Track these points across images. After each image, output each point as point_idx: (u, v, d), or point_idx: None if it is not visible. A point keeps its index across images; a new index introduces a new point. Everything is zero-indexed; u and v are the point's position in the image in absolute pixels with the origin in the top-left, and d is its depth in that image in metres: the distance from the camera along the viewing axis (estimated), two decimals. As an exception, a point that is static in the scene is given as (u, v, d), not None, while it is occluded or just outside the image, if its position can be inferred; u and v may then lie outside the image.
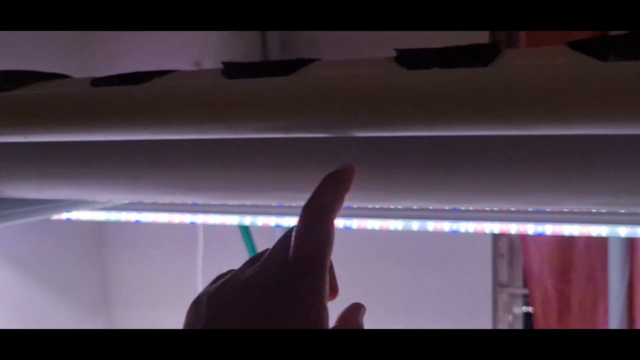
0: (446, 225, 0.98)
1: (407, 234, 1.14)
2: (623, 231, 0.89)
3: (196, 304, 0.37)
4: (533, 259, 1.38)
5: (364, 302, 0.39)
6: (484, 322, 1.48)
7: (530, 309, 1.48)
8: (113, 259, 1.67)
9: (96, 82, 0.48)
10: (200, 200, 0.54)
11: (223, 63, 0.48)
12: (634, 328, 1.30)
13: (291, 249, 0.36)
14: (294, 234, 0.36)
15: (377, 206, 0.55)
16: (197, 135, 0.42)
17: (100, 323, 1.68)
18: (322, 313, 0.34)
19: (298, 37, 1.46)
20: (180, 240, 1.52)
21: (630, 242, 1.26)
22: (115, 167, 0.52)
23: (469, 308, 1.46)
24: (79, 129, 0.41)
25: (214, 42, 1.38)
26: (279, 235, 1.08)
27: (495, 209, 0.76)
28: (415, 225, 1.01)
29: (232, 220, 1.02)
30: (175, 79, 0.46)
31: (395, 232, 0.95)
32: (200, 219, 1.04)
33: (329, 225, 0.37)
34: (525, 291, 1.50)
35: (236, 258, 1.39)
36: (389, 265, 1.45)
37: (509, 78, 0.35)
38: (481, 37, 1.35)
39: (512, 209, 0.77)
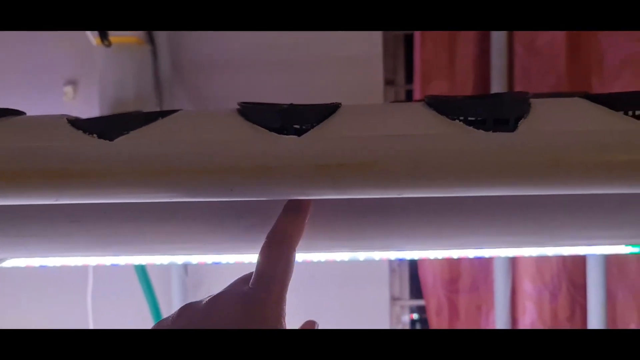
0: (346, 255, 1.04)
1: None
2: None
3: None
4: (427, 273, 1.46)
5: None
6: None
7: (414, 316, 1.62)
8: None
9: (76, 123, 0.45)
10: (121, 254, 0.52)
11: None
12: (517, 328, 1.41)
13: (253, 276, 0.38)
14: (256, 262, 0.38)
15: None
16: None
17: None
18: None
19: (190, 56, 1.44)
20: (52, 280, 1.43)
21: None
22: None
23: (369, 321, 1.51)
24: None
25: (96, 58, 1.30)
26: (176, 274, 1.07)
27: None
28: (319, 256, 1.05)
29: (124, 260, 0.99)
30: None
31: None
32: (91, 260, 1.00)
33: (290, 254, 0.39)
34: (412, 302, 1.59)
35: (130, 299, 1.35)
36: (297, 290, 1.46)
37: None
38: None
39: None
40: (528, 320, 1.39)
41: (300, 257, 1.01)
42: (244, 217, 0.47)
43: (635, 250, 0.83)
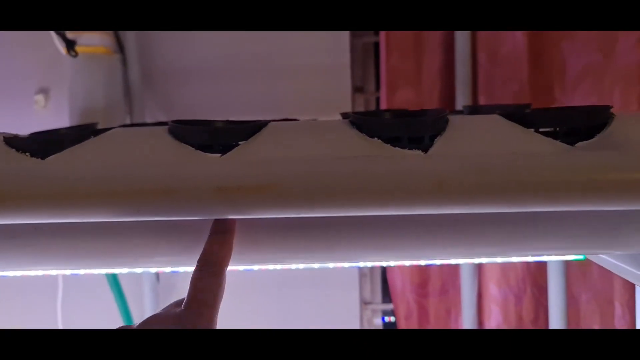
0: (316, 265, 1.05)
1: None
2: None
3: None
4: (396, 278, 1.48)
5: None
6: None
7: (391, 319, 1.63)
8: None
9: (11, 141, 0.47)
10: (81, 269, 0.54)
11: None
12: (483, 329, 1.44)
13: (185, 299, 0.40)
14: (190, 282, 0.41)
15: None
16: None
17: None
18: None
19: (159, 65, 1.45)
20: (23, 288, 1.43)
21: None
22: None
23: (340, 325, 1.53)
24: None
25: (66, 66, 1.30)
26: (147, 280, 1.08)
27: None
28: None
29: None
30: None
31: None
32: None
33: (220, 276, 0.41)
34: (384, 306, 1.61)
35: (100, 307, 1.36)
36: (267, 296, 1.48)
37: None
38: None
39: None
40: (494, 323, 1.41)
41: (261, 266, 1.02)
42: (187, 233, 0.49)
43: (578, 257, 0.85)
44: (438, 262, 1.20)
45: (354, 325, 1.52)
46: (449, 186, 0.35)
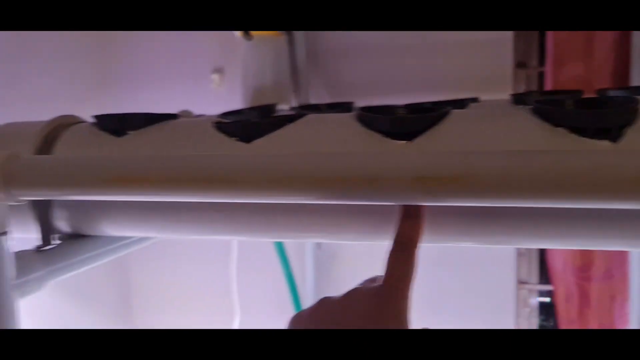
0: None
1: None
2: None
3: (292, 325, 0.45)
4: (557, 258, 1.43)
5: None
6: (507, 316, 1.53)
7: (546, 300, 1.58)
8: (136, 267, 1.74)
9: (221, 126, 0.55)
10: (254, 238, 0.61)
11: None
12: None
13: (384, 276, 0.44)
14: (386, 263, 0.44)
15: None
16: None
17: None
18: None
19: (325, 44, 1.51)
20: (204, 249, 1.59)
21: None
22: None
23: (495, 304, 1.52)
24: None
25: (238, 47, 1.41)
26: (310, 247, 1.17)
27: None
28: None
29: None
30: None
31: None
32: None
33: (413, 257, 0.44)
34: (540, 287, 1.56)
35: (269, 267, 1.48)
36: (421, 270, 1.51)
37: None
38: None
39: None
40: (667, 314, 1.32)
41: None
42: (372, 215, 0.53)
43: None
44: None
45: (509, 304, 1.51)
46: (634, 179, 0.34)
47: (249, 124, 0.55)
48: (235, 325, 1.51)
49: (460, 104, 0.69)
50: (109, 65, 1.62)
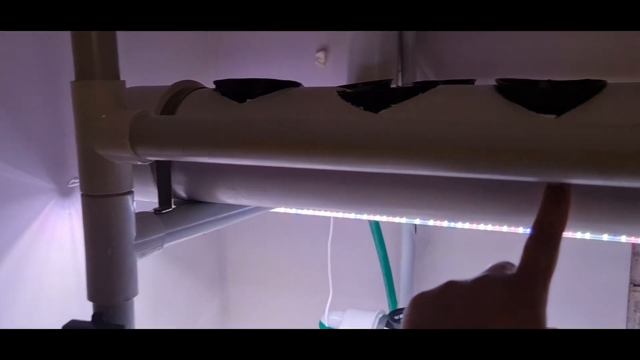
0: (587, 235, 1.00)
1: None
2: None
3: (415, 305, 0.41)
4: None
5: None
6: (617, 320, 1.43)
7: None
8: (233, 240, 1.77)
9: (345, 95, 0.53)
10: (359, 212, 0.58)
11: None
12: None
13: (520, 264, 0.40)
14: (523, 250, 0.40)
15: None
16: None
17: (217, 299, 1.80)
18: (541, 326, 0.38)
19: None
20: (300, 226, 1.59)
21: None
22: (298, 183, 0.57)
23: (604, 306, 1.42)
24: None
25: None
26: (406, 231, 1.13)
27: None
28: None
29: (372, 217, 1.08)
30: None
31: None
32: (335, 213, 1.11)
33: (556, 247, 0.40)
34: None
35: (363, 250, 1.46)
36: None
37: None
38: None
39: None
40: None
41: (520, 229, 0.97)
42: (513, 194, 0.48)
43: None
44: None
45: (621, 307, 1.40)
46: None
47: (377, 92, 0.52)
48: (328, 304, 1.50)
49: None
50: (216, 41, 1.64)
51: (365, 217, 1.05)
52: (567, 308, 1.42)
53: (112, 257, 0.52)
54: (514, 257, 0.41)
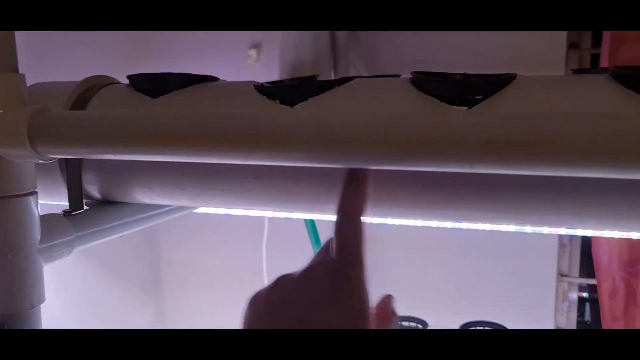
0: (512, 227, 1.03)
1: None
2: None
3: (251, 304, 0.41)
4: (602, 252, 1.36)
5: (430, 294, 0.42)
6: (546, 310, 1.48)
7: (583, 294, 1.52)
8: (166, 242, 1.73)
9: (262, 89, 0.51)
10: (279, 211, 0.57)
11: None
12: None
13: (334, 247, 0.41)
14: (334, 234, 0.41)
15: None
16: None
17: (152, 304, 1.75)
18: (364, 307, 0.39)
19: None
20: (235, 226, 1.56)
21: None
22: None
23: (534, 296, 1.47)
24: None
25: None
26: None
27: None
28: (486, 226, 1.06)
29: (303, 215, 1.07)
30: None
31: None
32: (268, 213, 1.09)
33: (359, 222, 0.41)
34: (582, 280, 1.50)
35: (299, 249, 1.45)
36: (459, 259, 1.47)
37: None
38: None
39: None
40: None
41: (463, 224, 1.00)
42: (414, 186, 0.48)
43: None
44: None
45: (549, 297, 1.45)
46: None
47: (293, 86, 0.51)
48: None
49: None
50: (145, 37, 1.59)
51: (286, 214, 1.04)
52: (499, 299, 1.46)
53: (13, 263, 0.48)
54: (449, 252, 0.42)
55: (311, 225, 1.46)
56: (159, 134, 0.40)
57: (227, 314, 1.70)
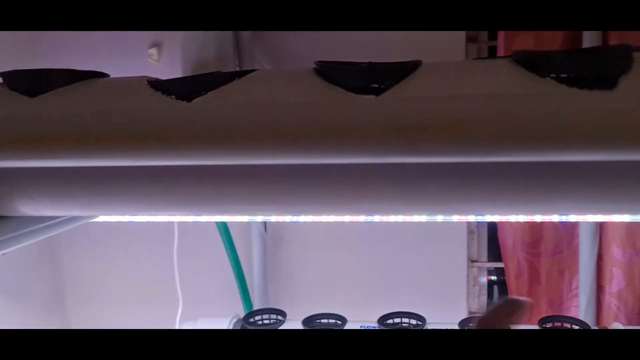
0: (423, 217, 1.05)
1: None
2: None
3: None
4: (507, 235, 1.42)
5: (346, 289, 0.40)
6: (459, 295, 1.52)
7: (491, 278, 1.59)
8: (68, 257, 1.63)
9: (156, 84, 0.46)
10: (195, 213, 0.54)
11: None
12: (602, 295, 1.35)
13: None
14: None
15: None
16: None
17: (56, 324, 1.64)
18: None
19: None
20: (144, 236, 1.49)
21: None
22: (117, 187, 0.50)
23: (446, 283, 1.50)
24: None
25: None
26: (256, 230, 1.08)
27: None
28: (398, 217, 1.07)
29: (210, 218, 1.02)
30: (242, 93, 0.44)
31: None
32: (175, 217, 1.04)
33: None
34: (491, 264, 1.55)
35: (213, 254, 1.40)
36: (373, 252, 1.47)
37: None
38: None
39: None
40: (615, 289, 1.32)
41: (376, 217, 1.01)
42: (325, 181, 0.46)
43: None
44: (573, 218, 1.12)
45: (461, 282, 1.49)
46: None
47: (189, 79, 0.47)
48: (179, 314, 1.42)
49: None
50: (37, 36, 1.48)
51: (193, 218, 1.00)
52: (414, 289, 1.48)
53: None
54: (363, 246, 0.40)
55: (223, 228, 1.41)
56: (32, 136, 0.36)
57: (140, 326, 1.61)
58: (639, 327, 1.27)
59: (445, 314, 1.40)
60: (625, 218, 1.06)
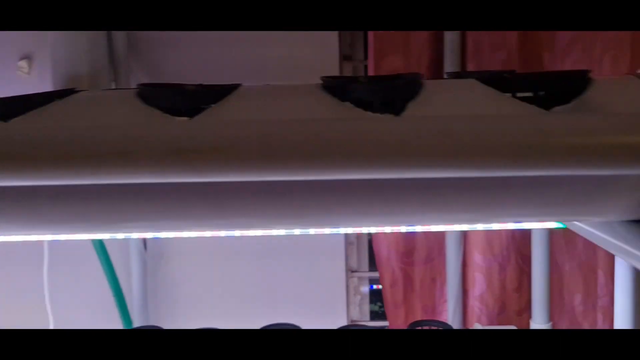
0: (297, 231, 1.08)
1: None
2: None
3: None
4: (382, 246, 1.48)
5: (227, 301, 0.40)
6: (339, 305, 1.56)
7: (380, 287, 1.64)
8: None
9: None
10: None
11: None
12: (467, 298, 1.45)
13: None
14: None
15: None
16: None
17: None
18: None
19: (146, 36, 1.42)
20: (9, 253, 1.42)
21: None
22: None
23: (327, 293, 1.54)
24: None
25: (49, 33, 1.27)
26: (135, 248, 1.06)
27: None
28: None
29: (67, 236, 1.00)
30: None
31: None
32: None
33: None
34: (371, 274, 1.62)
35: (86, 272, 1.36)
36: (252, 265, 1.49)
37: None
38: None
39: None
40: (478, 292, 1.43)
41: (253, 232, 1.02)
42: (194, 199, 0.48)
43: (559, 225, 0.86)
44: (419, 228, 1.20)
45: (340, 292, 1.54)
46: (414, 148, 0.34)
47: (9, 99, 0.47)
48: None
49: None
50: None
51: (63, 237, 0.98)
52: (294, 300, 1.51)
53: None
54: (243, 260, 0.41)
55: (100, 246, 1.37)
56: None
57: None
58: (498, 326, 1.38)
59: (326, 323, 1.44)
60: (479, 227, 1.15)
